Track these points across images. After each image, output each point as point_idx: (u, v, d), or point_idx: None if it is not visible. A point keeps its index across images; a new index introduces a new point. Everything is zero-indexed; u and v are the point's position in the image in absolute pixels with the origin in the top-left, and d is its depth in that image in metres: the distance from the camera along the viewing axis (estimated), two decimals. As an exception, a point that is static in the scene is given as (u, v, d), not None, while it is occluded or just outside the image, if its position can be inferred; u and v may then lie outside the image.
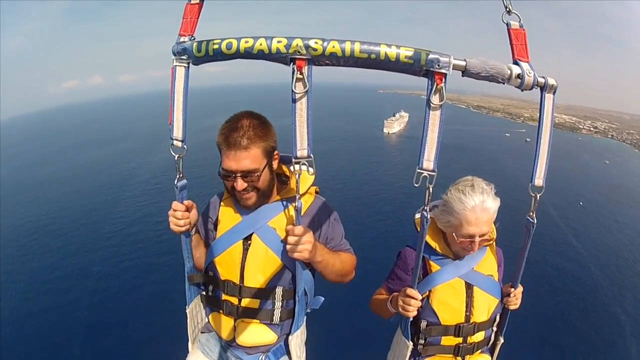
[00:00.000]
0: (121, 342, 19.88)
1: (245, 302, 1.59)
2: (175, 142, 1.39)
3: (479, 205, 1.54)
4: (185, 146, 1.39)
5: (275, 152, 1.56)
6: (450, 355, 1.73)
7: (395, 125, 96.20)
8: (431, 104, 1.16)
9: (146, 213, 38.13)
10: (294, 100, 1.20)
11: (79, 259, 29.32)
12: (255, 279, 1.57)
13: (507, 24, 1.23)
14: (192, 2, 1.29)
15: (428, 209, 1.28)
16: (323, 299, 1.75)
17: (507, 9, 1.20)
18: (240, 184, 1.46)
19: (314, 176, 1.58)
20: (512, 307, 1.72)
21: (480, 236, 1.57)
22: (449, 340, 1.71)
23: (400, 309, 1.60)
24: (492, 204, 1.56)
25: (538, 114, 1.30)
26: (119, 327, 21.07)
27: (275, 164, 1.58)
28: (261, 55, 1.17)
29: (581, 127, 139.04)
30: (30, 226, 36.46)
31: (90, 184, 50.32)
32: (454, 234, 1.61)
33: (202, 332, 1.81)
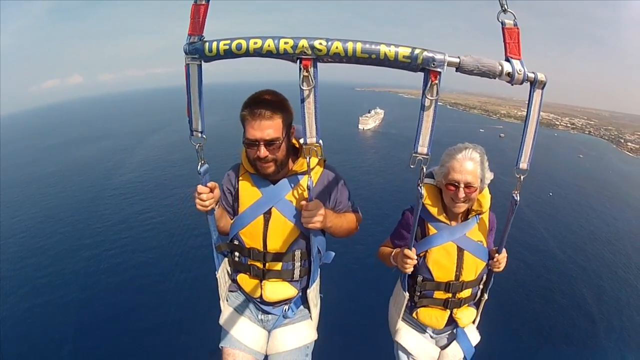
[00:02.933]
0: (120, 334, 19.98)
1: (269, 265, 1.83)
2: (195, 133, 1.51)
3: (464, 156, 1.77)
4: (204, 136, 1.52)
5: (293, 127, 1.73)
6: (441, 307, 1.97)
7: (370, 121, 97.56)
8: (426, 98, 1.27)
9: (135, 210, 38.31)
10: (302, 96, 1.31)
11: (69, 254, 29.25)
12: (277, 245, 1.79)
13: (501, 23, 1.30)
14: (199, 2, 1.33)
15: (423, 182, 1.47)
16: (334, 253, 1.96)
17: (503, 8, 1.27)
18: (263, 152, 1.62)
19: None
20: (496, 270, 1.93)
21: (465, 185, 1.75)
22: (440, 295, 1.94)
23: (399, 265, 1.84)
24: (476, 155, 1.76)
25: (526, 108, 1.43)
26: (115, 321, 21.13)
27: (292, 137, 1.76)
28: (269, 55, 1.25)
29: (558, 123, 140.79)
30: (19, 224, 36.14)
31: (75, 181, 50.06)
32: (443, 182, 1.82)
33: (230, 291, 2.05)
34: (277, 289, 1.86)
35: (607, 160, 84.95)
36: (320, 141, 1.41)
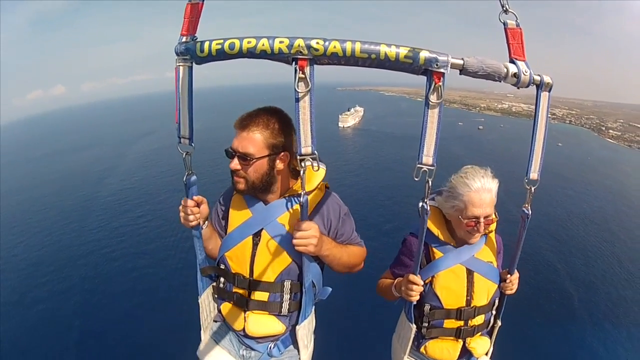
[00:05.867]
0: (125, 332, 20.12)
1: (254, 294, 1.64)
2: (182, 140, 1.41)
3: (481, 187, 1.63)
4: (192, 144, 1.42)
5: (283, 153, 1.57)
6: (452, 338, 1.81)
7: (349, 119, 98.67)
8: (430, 102, 1.19)
9: (131, 216, 38.49)
10: (297, 99, 1.21)
11: (68, 262, 29.13)
12: (264, 273, 1.61)
13: (504, 23, 1.25)
14: (193, 1, 1.28)
15: (428, 200, 1.34)
16: (331, 289, 1.79)
17: (504, 8, 1.23)
18: (233, 164, 1.53)
19: (324, 172, 1.63)
20: (508, 292, 1.81)
21: (484, 217, 1.64)
22: (451, 323, 1.79)
23: (403, 294, 1.67)
24: (493, 184, 1.65)
25: (533, 111, 1.37)
26: (117, 325, 21.10)
27: (281, 164, 1.59)
28: (263, 55, 1.18)
29: None
30: (15, 231, 36.08)
31: (69, 189, 50.03)
32: (460, 217, 1.67)
33: (214, 321, 1.87)
34: (262, 323, 1.67)
35: (587, 147, 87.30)
36: (317, 153, 1.28)
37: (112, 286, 25.32)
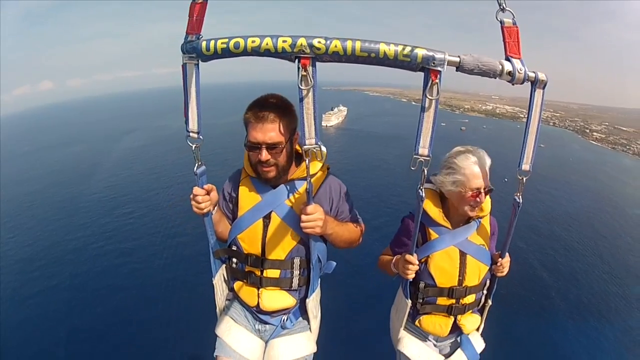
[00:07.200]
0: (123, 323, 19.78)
1: (267, 273, 1.76)
2: (191, 134, 1.49)
3: (480, 160, 1.72)
4: (201, 137, 1.51)
5: (296, 133, 1.68)
6: (444, 314, 1.92)
7: (333, 118, 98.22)
8: (426, 98, 1.25)
9: (119, 212, 37.94)
10: (301, 96, 1.29)
11: (57, 259, 28.55)
12: (276, 252, 1.73)
13: (500, 22, 1.29)
14: (197, 0, 1.31)
15: (423, 187, 1.46)
16: (335, 263, 1.91)
17: (501, 7, 1.27)
18: (265, 155, 1.58)
19: (325, 155, 1.70)
20: (499, 274, 1.91)
21: (483, 189, 1.73)
22: (443, 301, 1.90)
23: (400, 272, 1.79)
24: (488, 159, 1.75)
25: (527, 108, 1.42)
26: (108, 324, 20.46)
27: (295, 144, 1.71)
28: (267, 53, 1.23)
29: (522, 116, 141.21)
30: (6, 227, 35.37)
31: (55, 185, 49.35)
32: (461, 191, 1.74)
33: (227, 300, 1.99)
34: (274, 298, 1.80)
35: (570, 149, 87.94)
36: (320, 143, 1.37)
37: (101, 281, 24.95)
